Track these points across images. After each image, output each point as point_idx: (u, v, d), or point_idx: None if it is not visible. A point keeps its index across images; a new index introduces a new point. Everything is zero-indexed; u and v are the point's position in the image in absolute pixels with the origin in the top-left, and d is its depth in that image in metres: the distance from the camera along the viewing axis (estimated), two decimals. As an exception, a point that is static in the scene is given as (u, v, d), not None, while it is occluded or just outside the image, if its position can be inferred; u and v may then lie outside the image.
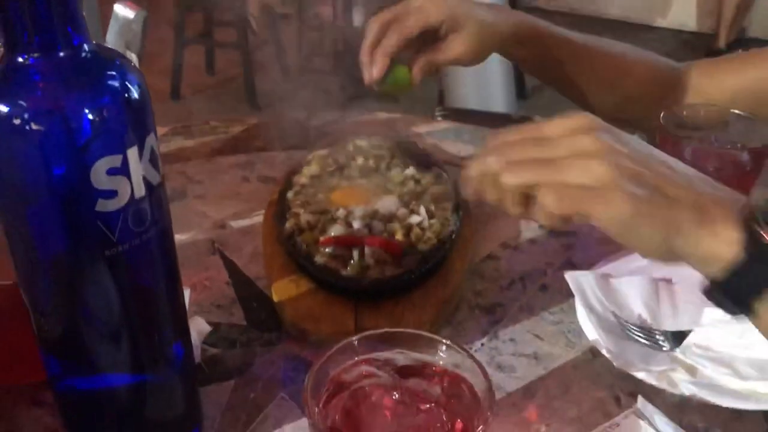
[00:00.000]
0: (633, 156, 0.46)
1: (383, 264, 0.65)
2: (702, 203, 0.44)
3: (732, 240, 0.43)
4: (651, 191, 0.44)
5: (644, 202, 0.43)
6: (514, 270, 0.72)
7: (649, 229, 0.44)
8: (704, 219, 0.44)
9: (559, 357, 0.62)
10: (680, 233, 0.44)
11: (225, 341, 0.63)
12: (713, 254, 0.43)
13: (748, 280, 0.43)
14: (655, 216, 0.44)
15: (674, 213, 0.44)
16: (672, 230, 0.44)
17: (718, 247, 0.43)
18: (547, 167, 0.46)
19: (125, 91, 0.40)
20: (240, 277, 0.70)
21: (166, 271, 0.46)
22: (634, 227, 0.44)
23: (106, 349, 0.46)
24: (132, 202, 0.40)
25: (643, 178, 0.45)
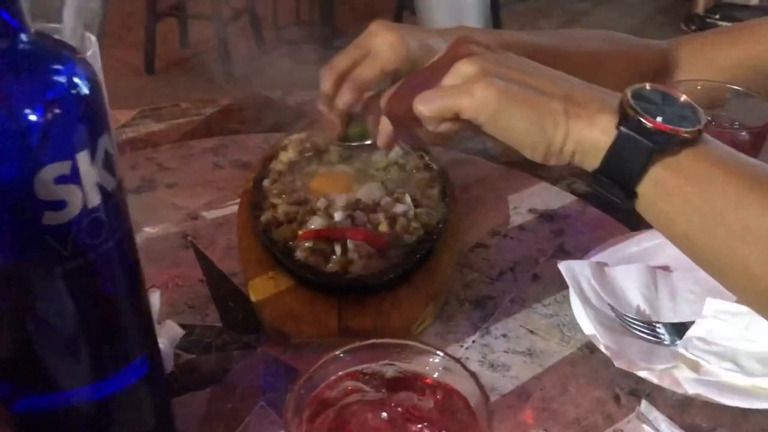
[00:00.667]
0: (504, 59, 0.48)
1: (367, 258, 0.61)
2: (574, 95, 0.46)
3: (607, 126, 0.44)
4: (519, 84, 0.46)
5: (511, 92, 0.45)
6: (504, 259, 0.69)
7: (520, 116, 0.45)
8: (578, 109, 0.45)
9: (554, 353, 0.58)
10: (555, 123, 0.45)
11: (200, 345, 0.59)
12: (591, 143, 0.45)
13: (625, 163, 0.44)
14: (524, 103, 0.45)
15: (545, 102, 0.45)
16: (545, 119, 0.45)
17: (594, 134, 0.45)
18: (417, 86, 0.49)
19: (73, 87, 0.35)
20: (215, 274, 0.66)
21: (127, 282, 0.42)
22: (504, 116, 0.45)
23: (64, 368, 0.42)
24: (85, 212, 0.36)
25: (511, 75, 0.46)
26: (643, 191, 0.45)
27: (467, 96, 0.45)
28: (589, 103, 0.46)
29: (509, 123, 0.46)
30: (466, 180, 0.80)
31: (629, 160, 0.44)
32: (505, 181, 0.81)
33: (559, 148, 0.46)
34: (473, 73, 0.46)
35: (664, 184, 0.44)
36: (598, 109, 0.45)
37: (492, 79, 0.45)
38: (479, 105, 0.45)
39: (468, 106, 0.45)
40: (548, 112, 0.45)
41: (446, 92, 0.47)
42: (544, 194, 0.78)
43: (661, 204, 0.45)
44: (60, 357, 0.41)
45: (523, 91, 0.46)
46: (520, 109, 0.45)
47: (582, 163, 0.46)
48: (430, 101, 0.47)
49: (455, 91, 0.47)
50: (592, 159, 0.45)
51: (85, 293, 0.39)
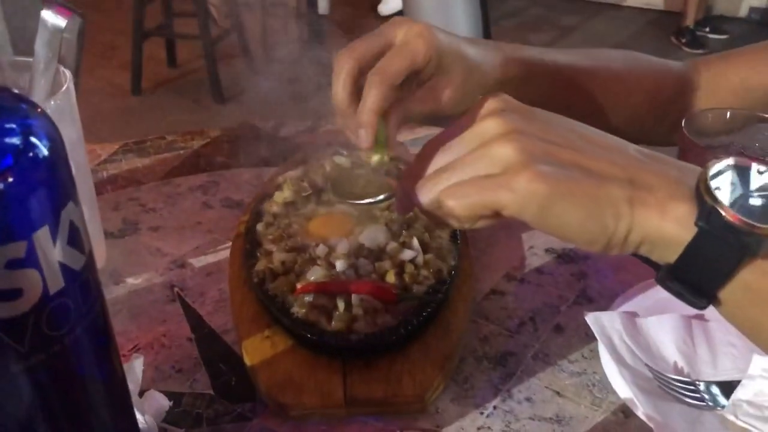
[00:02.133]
0: (547, 131, 0.40)
1: (374, 313, 0.55)
2: (639, 177, 0.38)
3: (684, 218, 0.37)
4: (569, 168, 0.38)
5: (561, 180, 0.38)
6: (523, 307, 0.63)
7: (574, 210, 0.38)
8: (645, 195, 0.38)
9: (585, 419, 0.52)
10: (617, 216, 0.38)
11: (188, 418, 0.52)
12: (663, 236, 0.38)
13: (706, 264, 0.37)
14: (578, 195, 0.38)
15: (603, 190, 0.38)
16: (605, 211, 0.38)
17: (668, 227, 0.37)
18: (450, 170, 0.40)
19: (29, 150, 0.29)
20: (204, 331, 0.60)
21: (99, 369, 0.36)
22: (554, 212, 0.38)
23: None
24: (46, 299, 0.30)
25: (559, 155, 0.39)
26: (729, 296, 0.38)
27: (508, 191, 0.38)
28: (659, 187, 0.38)
29: (561, 219, 0.38)
30: (475, 217, 0.74)
31: (712, 261, 0.37)
32: (516, 216, 0.75)
33: (622, 240, 0.38)
34: (513, 158, 0.38)
35: (757, 289, 0.37)
36: (669, 195, 0.38)
37: (537, 167, 0.38)
38: (524, 202, 0.38)
39: (510, 202, 0.38)
40: (608, 203, 0.38)
41: (482, 186, 0.39)
42: (560, 232, 0.72)
43: (751, 310, 0.38)
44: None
45: (575, 178, 0.38)
46: (574, 202, 0.38)
47: (650, 254, 0.39)
48: (462, 196, 0.39)
49: (493, 185, 0.38)
50: (665, 253, 0.38)
51: (48, 388, 0.33)
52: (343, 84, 0.50)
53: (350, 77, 0.50)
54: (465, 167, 0.40)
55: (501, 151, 0.39)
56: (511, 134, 0.39)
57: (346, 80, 0.50)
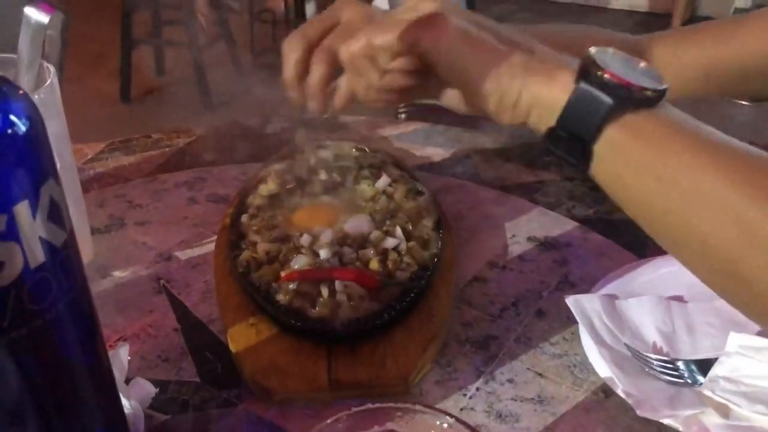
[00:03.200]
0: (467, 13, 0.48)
1: (358, 300, 0.56)
2: (534, 52, 0.45)
3: (567, 82, 0.43)
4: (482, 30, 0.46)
5: (471, 32, 0.45)
6: (505, 294, 0.64)
7: (477, 57, 0.45)
8: (537, 65, 0.44)
9: (566, 399, 0.53)
10: (512, 75, 0.44)
11: (175, 404, 0.53)
12: (549, 99, 0.44)
13: (583, 119, 0.42)
14: (482, 45, 0.45)
15: (503, 52, 0.45)
16: (501, 67, 0.44)
17: (554, 91, 0.43)
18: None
19: (8, 127, 0.30)
20: (190, 321, 0.60)
21: (83, 347, 0.36)
22: (461, 53, 0.45)
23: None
24: (27, 273, 0.30)
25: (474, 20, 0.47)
26: (599, 152, 0.43)
27: (427, 25, 0.46)
28: (550, 60, 0.45)
29: (463, 63, 0.45)
30: (458, 207, 0.75)
31: (587, 116, 0.42)
32: (499, 206, 0.76)
33: (513, 101, 0.45)
34: (432, 9, 0.46)
35: (622, 145, 0.42)
36: (557, 65, 0.44)
37: (452, 16, 0.46)
38: (436, 38, 0.45)
39: (424, 37, 0.46)
40: (506, 62, 0.44)
41: (404, 22, 0.47)
42: (542, 220, 0.73)
43: (617, 167, 0.43)
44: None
45: (483, 35, 0.46)
46: (477, 51, 0.45)
47: (537, 121, 0.45)
48: (383, 29, 0.47)
49: (414, 22, 0.46)
50: (548, 117, 0.44)
51: (31, 366, 0.33)
52: (294, 64, 0.54)
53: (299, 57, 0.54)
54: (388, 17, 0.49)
55: (423, 5, 0.47)
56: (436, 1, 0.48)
57: (295, 60, 0.54)
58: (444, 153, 0.87)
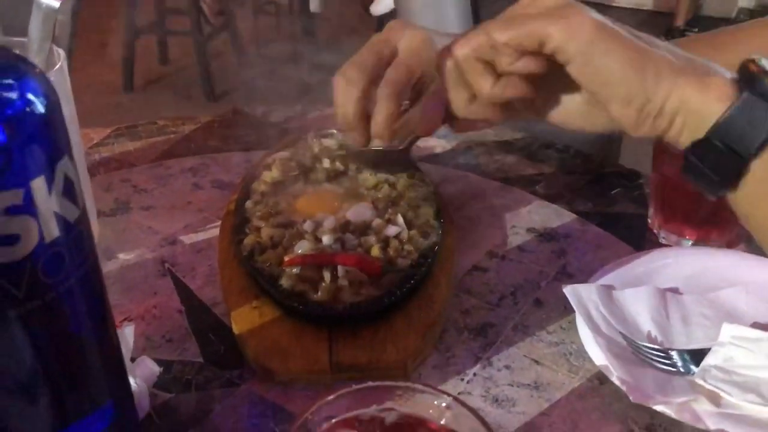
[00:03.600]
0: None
1: (359, 285, 0.57)
2: (690, 59, 0.40)
3: (725, 91, 0.38)
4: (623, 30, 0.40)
5: (610, 27, 0.39)
6: (504, 283, 0.65)
7: (619, 55, 0.39)
8: (690, 70, 0.39)
9: (562, 386, 0.54)
10: (659, 75, 0.39)
11: (179, 383, 0.54)
12: (700, 107, 0.39)
13: (745, 132, 0.38)
14: (625, 42, 0.39)
15: (650, 50, 0.39)
16: (647, 67, 0.39)
17: (708, 99, 0.38)
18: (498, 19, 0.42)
19: (27, 105, 0.31)
20: (194, 304, 0.62)
21: (93, 322, 0.37)
22: (600, 50, 0.38)
23: (21, 416, 0.37)
24: (41, 246, 0.31)
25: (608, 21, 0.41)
26: (757, 170, 0.38)
27: (559, 19, 0.39)
28: (701, 65, 0.40)
29: (604, 60, 0.39)
30: (459, 198, 0.76)
31: (751, 129, 0.38)
32: (500, 198, 0.77)
33: (658, 108, 0.39)
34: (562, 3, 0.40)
35: None
36: (710, 71, 0.39)
37: (587, 10, 0.39)
38: (573, 31, 0.38)
39: (558, 31, 0.38)
40: (653, 61, 0.39)
41: (530, 18, 0.40)
42: (542, 212, 0.74)
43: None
44: (17, 405, 0.37)
45: (627, 38, 0.39)
46: (620, 47, 0.39)
47: (681, 130, 0.40)
48: (510, 25, 0.40)
49: (542, 16, 0.40)
50: (697, 127, 0.39)
51: (43, 337, 0.34)
52: (356, 101, 0.49)
53: (361, 93, 0.49)
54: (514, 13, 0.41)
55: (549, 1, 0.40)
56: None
57: (358, 98, 0.49)
58: (446, 145, 0.87)
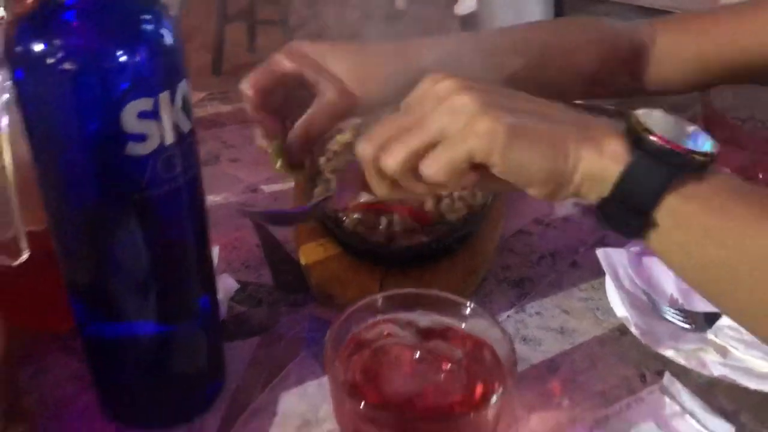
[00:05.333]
0: (502, 93, 0.44)
1: (411, 232, 0.65)
2: (581, 123, 0.43)
3: (618, 153, 0.41)
4: (525, 115, 0.42)
5: (518, 122, 0.41)
6: (545, 246, 0.71)
7: (533, 148, 0.41)
8: (587, 136, 0.42)
9: (586, 332, 0.61)
10: (566, 153, 0.42)
11: (252, 300, 0.63)
12: (600, 171, 0.42)
13: (639, 190, 0.41)
14: (534, 134, 0.42)
15: (555, 128, 0.42)
16: (557, 149, 0.42)
17: (604, 162, 0.41)
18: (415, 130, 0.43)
19: (159, 35, 0.40)
20: (269, 240, 0.71)
21: (194, 222, 0.47)
22: (515, 150, 0.41)
23: (132, 298, 0.46)
24: (162, 147, 0.41)
25: (513, 104, 0.43)
26: (659, 221, 0.41)
27: (474, 137, 0.41)
28: (596, 129, 0.43)
29: (521, 157, 0.41)
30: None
31: (645, 185, 0.41)
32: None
33: (569, 179, 0.43)
34: (472, 107, 0.41)
35: (681, 212, 0.41)
36: (605, 133, 0.42)
37: (495, 112, 0.41)
38: (489, 144, 0.41)
39: (477, 147, 0.41)
40: (560, 141, 0.42)
41: (450, 143, 0.42)
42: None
43: (677, 235, 0.42)
44: (131, 289, 0.46)
45: (534, 123, 0.42)
46: (531, 141, 0.42)
47: (588, 194, 0.43)
48: (437, 162, 0.42)
49: (460, 138, 0.41)
50: (601, 188, 0.42)
51: (156, 226, 0.44)
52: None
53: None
54: (431, 124, 0.42)
55: (460, 101, 0.42)
56: (466, 89, 0.42)
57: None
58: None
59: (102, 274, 0.46)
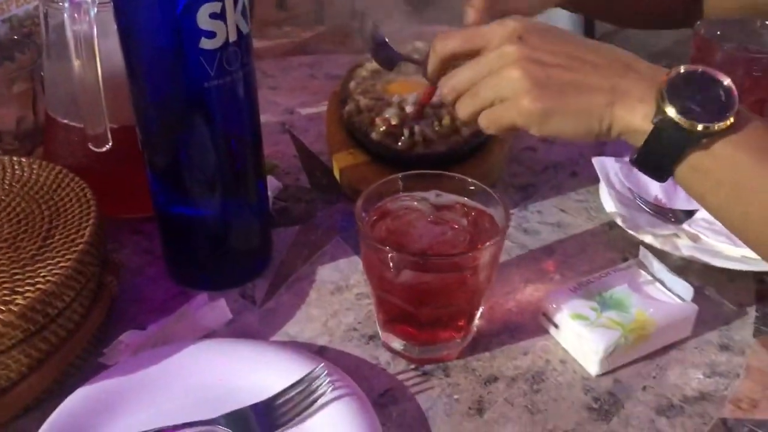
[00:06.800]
0: (553, 51, 0.51)
1: (429, 142, 0.74)
2: (619, 85, 0.50)
3: (646, 115, 0.48)
4: (564, 85, 0.50)
5: (556, 99, 0.50)
6: (549, 159, 0.81)
7: (566, 119, 0.50)
8: (620, 99, 0.49)
9: (579, 226, 0.70)
10: (600, 118, 0.50)
11: (292, 198, 0.74)
12: (631, 128, 0.49)
13: (661, 151, 0.49)
14: (568, 108, 0.50)
15: (589, 101, 0.50)
16: (591, 119, 0.50)
17: (635, 121, 0.49)
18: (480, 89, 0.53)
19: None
20: (306, 152, 0.81)
21: (250, 112, 0.57)
22: (549, 122, 0.51)
23: (202, 179, 0.57)
24: (227, 43, 0.51)
25: (557, 75, 0.50)
26: (680, 174, 0.49)
27: (517, 113, 0.51)
28: (632, 91, 0.49)
29: (558, 128, 0.51)
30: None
31: (665, 148, 0.49)
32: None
33: (606, 133, 0.51)
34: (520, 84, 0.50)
35: (698, 167, 0.48)
36: (639, 97, 0.49)
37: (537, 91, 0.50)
38: (529, 119, 0.51)
39: (520, 120, 0.51)
40: (592, 112, 0.50)
41: (500, 112, 0.52)
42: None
43: (695, 185, 0.50)
44: (201, 172, 0.57)
45: (567, 95, 0.50)
46: (566, 114, 0.50)
47: (628, 141, 0.51)
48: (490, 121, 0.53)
49: (507, 111, 0.52)
50: (636, 140, 0.50)
51: (221, 113, 0.54)
52: None
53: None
54: (488, 91, 0.53)
55: (512, 76, 0.51)
56: (521, 61, 0.51)
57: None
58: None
59: (179, 157, 0.56)
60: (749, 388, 0.54)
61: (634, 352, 0.56)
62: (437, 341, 0.56)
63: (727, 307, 0.61)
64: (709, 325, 0.59)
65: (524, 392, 0.54)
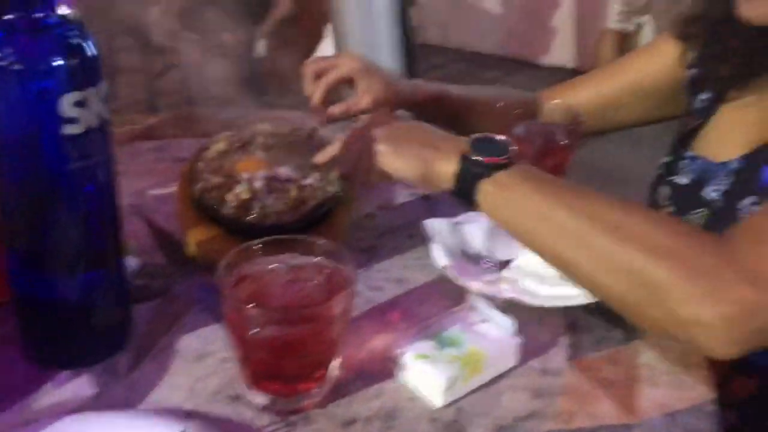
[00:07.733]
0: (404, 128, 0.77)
1: (280, 213, 0.81)
2: (439, 145, 0.71)
3: (456, 162, 0.68)
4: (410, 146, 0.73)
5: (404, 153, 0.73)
6: (388, 225, 0.90)
7: (408, 161, 0.72)
8: (439, 154, 0.70)
9: (417, 281, 0.79)
10: (426, 163, 0.70)
11: (150, 275, 0.77)
12: (446, 173, 0.68)
13: (465, 184, 0.67)
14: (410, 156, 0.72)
15: (422, 152, 0.71)
16: (422, 161, 0.71)
17: (448, 167, 0.68)
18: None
19: (87, 48, 0.55)
20: (159, 231, 0.85)
21: (110, 194, 0.61)
22: (398, 163, 0.73)
23: (63, 260, 0.60)
24: (88, 130, 0.55)
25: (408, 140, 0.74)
26: (480, 201, 0.67)
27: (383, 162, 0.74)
28: (448, 149, 0.70)
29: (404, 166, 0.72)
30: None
31: (468, 181, 0.67)
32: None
33: (433, 178, 0.70)
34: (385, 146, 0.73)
35: (492, 195, 0.66)
36: (452, 151, 0.69)
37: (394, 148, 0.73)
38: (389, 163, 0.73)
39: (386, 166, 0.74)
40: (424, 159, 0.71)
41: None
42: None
43: (493, 210, 0.67)
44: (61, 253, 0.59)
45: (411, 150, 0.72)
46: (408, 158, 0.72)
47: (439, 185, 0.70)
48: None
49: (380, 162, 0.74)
50: (448, 183, 0.69)
51: (84, 193, 0.58)
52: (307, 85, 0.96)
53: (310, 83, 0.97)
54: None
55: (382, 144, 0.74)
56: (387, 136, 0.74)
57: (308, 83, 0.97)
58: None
59: (40, 237, 0.58)
60: (567, 404, 0.64)
61: (472, 382, 0.64)
62: (299, 392, 0.61)
63: (544, 337, 0.72)
64: (531, 354, 0.69)
65: (379, 430, 0.60)
